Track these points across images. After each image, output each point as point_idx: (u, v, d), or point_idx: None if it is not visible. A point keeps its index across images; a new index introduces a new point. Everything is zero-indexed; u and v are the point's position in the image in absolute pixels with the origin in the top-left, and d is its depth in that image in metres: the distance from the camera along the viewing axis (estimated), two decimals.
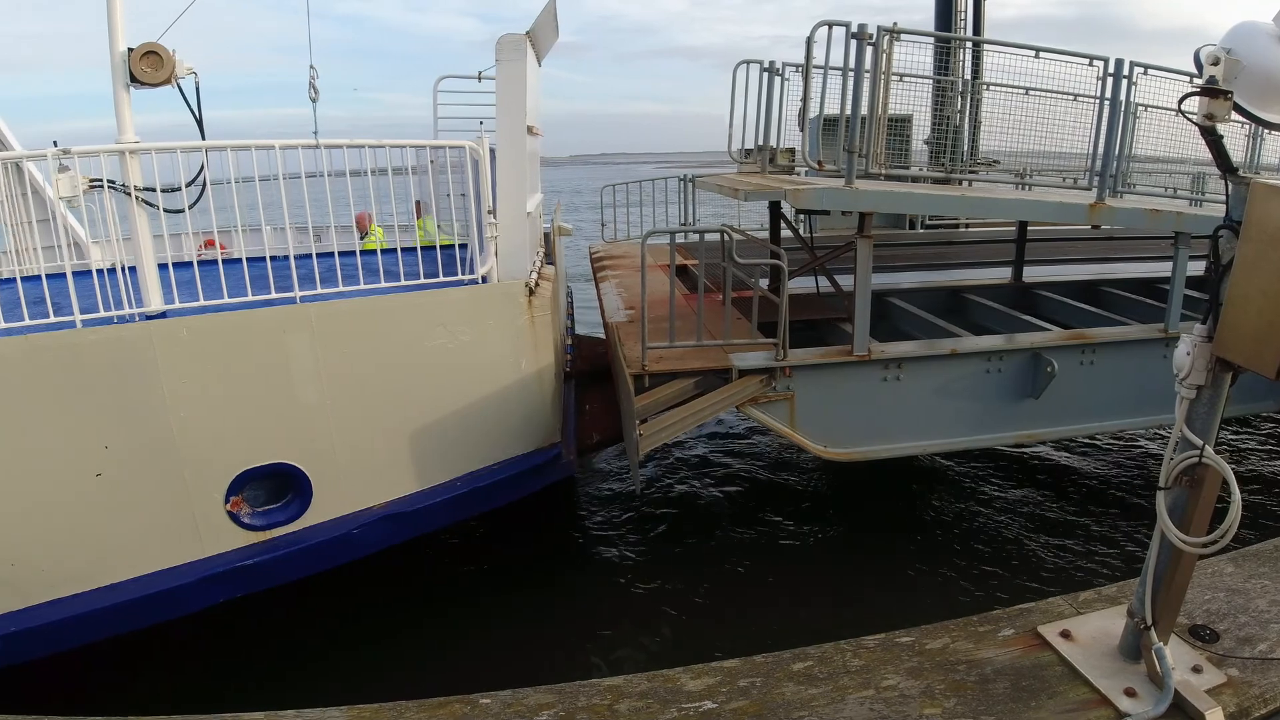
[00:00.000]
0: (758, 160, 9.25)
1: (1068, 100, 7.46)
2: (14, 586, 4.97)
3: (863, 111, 6.53)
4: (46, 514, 5.02)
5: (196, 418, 5.27)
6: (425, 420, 6.15)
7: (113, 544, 5.21)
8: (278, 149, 5.45)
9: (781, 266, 6.40)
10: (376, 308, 5.86)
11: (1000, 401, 7.17)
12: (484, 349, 6.29)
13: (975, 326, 8.39)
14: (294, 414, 5.62)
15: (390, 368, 5.93)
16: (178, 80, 5.36)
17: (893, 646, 3.40)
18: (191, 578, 5.35)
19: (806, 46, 7.25)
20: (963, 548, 8.01)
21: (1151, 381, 7.33)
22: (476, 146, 6.10)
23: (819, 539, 8.31)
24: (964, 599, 7.10)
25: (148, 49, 5.21)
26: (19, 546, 4.97)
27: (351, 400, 5.79)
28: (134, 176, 5.31)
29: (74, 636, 5.12)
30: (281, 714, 3.27)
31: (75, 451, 5.00)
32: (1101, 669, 3.38)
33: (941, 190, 7.80)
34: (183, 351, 5.18)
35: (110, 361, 5.02)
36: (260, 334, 5.43)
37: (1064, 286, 9.86)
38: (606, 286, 9.97)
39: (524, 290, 6.38)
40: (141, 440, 5.16)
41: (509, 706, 3.22)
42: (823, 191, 6.64)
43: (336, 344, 5.66)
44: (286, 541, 5.68)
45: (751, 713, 3.06)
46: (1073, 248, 12.48)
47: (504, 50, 6.28)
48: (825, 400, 6.69)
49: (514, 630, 6.68)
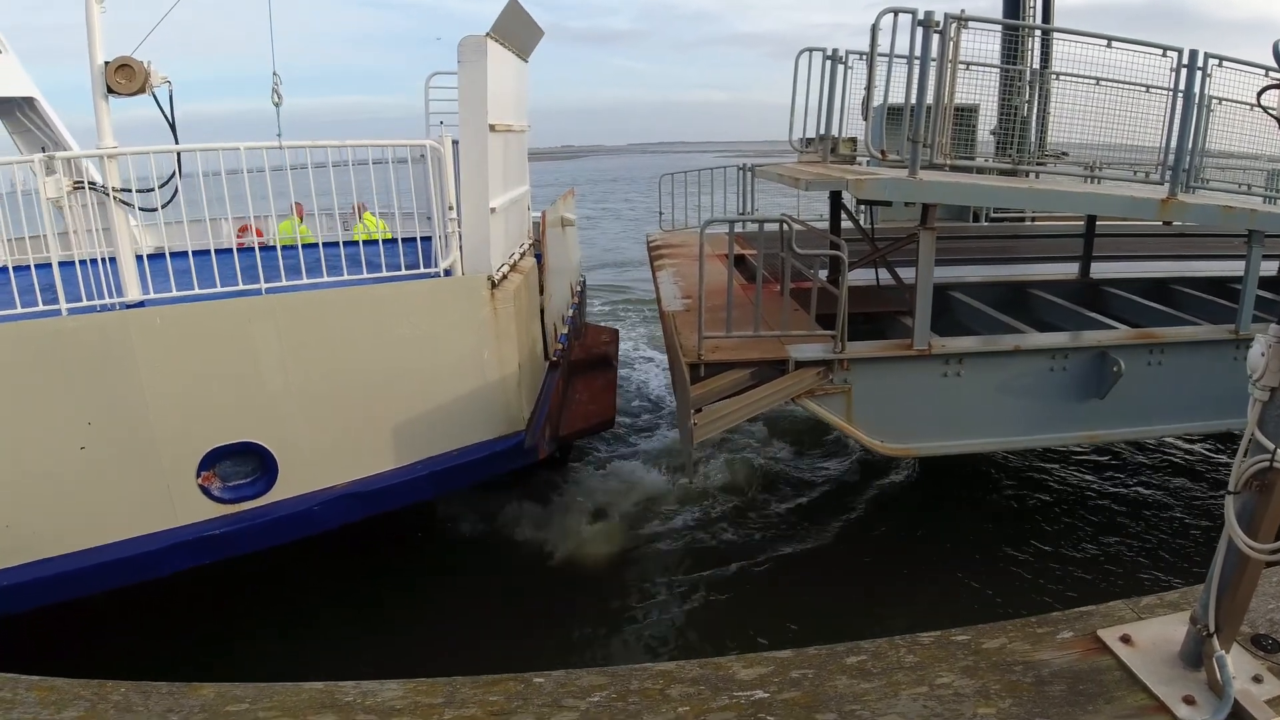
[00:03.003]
0: (819, 149, 9.16)
1: (1140, 92, 7.25)
2: (7, 546, 5.50)
3: (928, 101, 6.43)
4: (36, 482, 5.55)
5: (170, 398, 5.74)
6: (387, 406, 6.50)
7: (95, 511, 5.72)
8: (242, 150, 5.92)
9: (841, 257, 6.34)
10: (338, 299, 6.26)
11: (1064, 401, 7.02)
12: (446, 340, 6.62)
13: (1039, 323, 8.21)
14: (261, 397, 6.04)
15: (352, 356, 6.30)
16: (152, 90, 5.95)
17: (948, 644, 3.37)
18: (165, 544, 5.83)
19: (871, 34, 7.15)
20: (1022, 545, 7.90)
21: (1221, 384, 7.10)
22: (438, 145, 6.39)
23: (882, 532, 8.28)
24: (1020, 599, 7.01)
25: (121, 62, 5.79)
26: (12, 510, 5.51)
27: (315, 386, 6.19)
28: (112, 178, 5.89)
29: (59, 592, 5.62)
30: (341, 685, 3.36)
31: (61, 426, 5.52)
32: (1160, 675, 3.31)
33: (1007, 182, 7.64)
34: (157, 337, 5.68)
35: (92, 346, 5.56)
36: (227, 323, 5.90)
37: (1133, 284, 9.59)
38: (663, 275, 9.97)
39: (486, 284, 6.65)
40: (120, 417, 5.65)
41: (562, 686, 3.27)
42: (886, 182, 6.55)
43: (300, 333, 6.09)
44: (253, 515, 6.11)
45: (803, 704, 3.06)
46: (1142, 244, 12.13)
47: (465, 52, 6.53)
48: (883, 394, 6.62)
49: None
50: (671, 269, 10.29)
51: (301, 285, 6.12)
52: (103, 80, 5.83)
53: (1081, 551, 7.91)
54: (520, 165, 8.77)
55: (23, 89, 10.27)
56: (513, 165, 8.12)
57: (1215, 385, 7.16)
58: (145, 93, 5.95)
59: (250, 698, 3.31)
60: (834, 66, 8.56)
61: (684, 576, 7.77)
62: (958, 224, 15.02)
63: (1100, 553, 7.87)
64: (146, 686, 3.41)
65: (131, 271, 5.89)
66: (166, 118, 6.11)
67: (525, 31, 7.98)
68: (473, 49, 6.52)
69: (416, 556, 8.14)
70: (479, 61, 6.54)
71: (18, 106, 10.36)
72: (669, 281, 9.56)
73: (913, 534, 8.31)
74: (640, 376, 14.42)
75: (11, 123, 10.44)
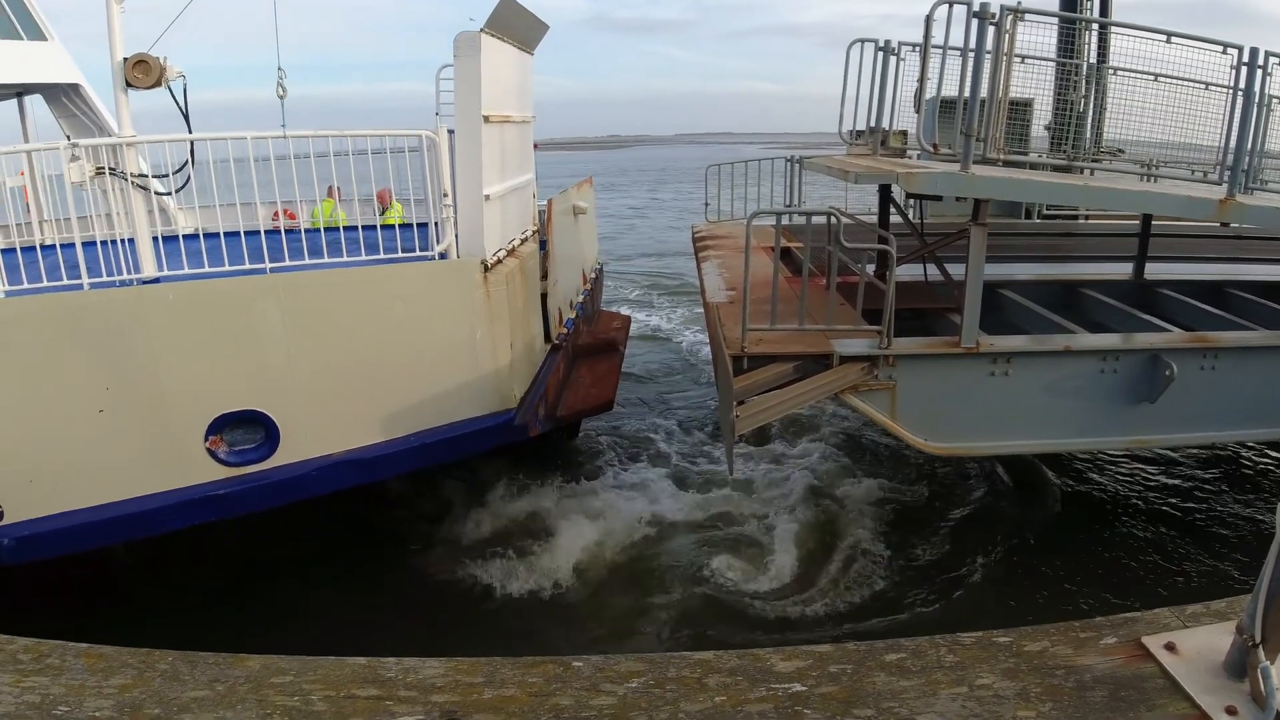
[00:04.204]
0: (869, 142, 9.08)
1: (1198, 89, 7.09)
2: (33, 498, 6.02)
3: (982, 94, 6.33)
4: (59, 442, 6.06)
5: (181, 367, 6.21)
6: (382, 382, 6.86)
7: (112, 469, 6.19)
8: (249, 140, 6.38)
9: (890, 252, 6.29)
10: (337, 280, 6.67)
11: (1114, 404, 6.90)
12: (440, 320, 6.99)
13: (1091, 324, 8.07)
14: (265, 369, 6.47)
15: (350, 333, 6.68)
16: (168, 83, 6.43)
17: (989, 645, 3.35)
18: (175, 501, 6.29)
19: (925, 25, 7.07)
20: (1066, 546, 7.80)
21: (1275, 391, 6.94)
22: (433, 135, 6.75)
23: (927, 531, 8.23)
24: (1065, 602, 6.94)
25: (139, 59, 6.29)
26: (37, 466, 6.03)
27: (315, 360, 6.59)
28: (130, 165, 6.39)
29: (77, 543, 6.16)
30: (384, 661, 3.42)
31: (82, 391, 6.00)
32: (1204, 685, 3.26)
33: (1062, 179, 7.51)
34: (169, 311, 6.15)
35: (111, 318, 6.06)
36: (234, 299, 6.35)
37: (1188, 286, 9.36)
38: (708, 266, 9.96)
39: (479, 267, 6.97)
40: (135, 384, 6.13)
41: (600, 671, 3.30)
42: (938, 176, 6.48)
43: (301, 310, 6.49)
44: (256, 478, 6.54)
45: (840, 699, 3.06)
46: (1198, 245, 11.84)
47: (460, 47, 6.84)
48: (928, 392, 6.57)
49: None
50: (716, 260, 10.27)
51: (304, 265, 6.56)
52: (122, 75, 6.32)
53: (1127, 556, 7.79)
54: (523, 154, 9.03)
55: (68, 76, 10.70)
56: (514, 154, 8.38)
57: (1269, 392, 7.00)
58: (161, 86, 6.43)
59: (294, 670, 3.38)
60: (886, 58, 8.48)
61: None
62: (1009, 220, 14.75)
63: (1146, 558, 7.75)
64: (193, 656, 3.49)
65: (148, 250, 6.43)
66: (180, 109, 6.59)
67: (524, 25, 8.19)
68: (467, 44, 6.82)
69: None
70: (473, 56, 6.82)
71: (63, 93, 10.80)
72: (713, 273, 9.55)
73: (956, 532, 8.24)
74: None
75: (58, 108, 10.89)
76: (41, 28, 10.47)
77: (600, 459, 10.48)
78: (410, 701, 3.16)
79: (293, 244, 6.57)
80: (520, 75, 8.45)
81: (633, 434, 11.29)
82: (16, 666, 3.45)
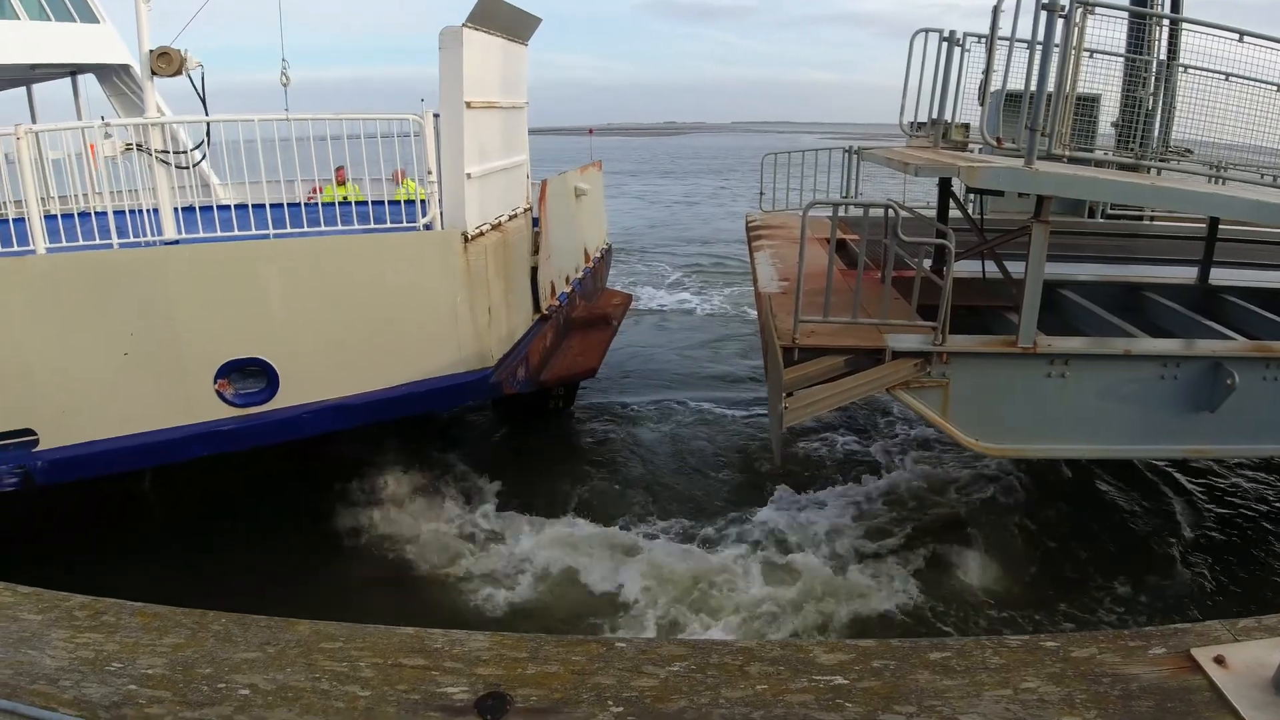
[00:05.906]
0: (930, 134, 8.94)
1: (1271, 91, 6.88)
2: (65, 428, 6.86)
3: (1048, 88, 6.21)
4: (88, 379, 6.87)
5: (194, 318, 7.00)
6: (371, 338, 7.57)
7: (133, 404, 6.99)
8: (256, 122, 7.30)
9: (948, 247, 6.21)
10: (330, 246, 7.40)
11: (1172, 411, 6.73)
12: (423, 285, 7.65)
13: (1152, 328, 7.90)
14: (267, 322, 7.22)
15: (344, 294, 7.37)
16: (188, 72, 7.43)
17: (1036, 649, 3.32)
18: (186, 434, 7.12)
19: (993, 16, 6.95)
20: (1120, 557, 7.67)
21: None
22: (419, 119, 7.44)
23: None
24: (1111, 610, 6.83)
25: (161, 50, 7.26)
26: (69, 399, 6.88)
27: (310, 317, 7.32)
28: (155, 142, 7.39)
29: (102, 467, 7.02)
30: (430, 631, 3.50)
31: (110, 335, 6.80)
32: (1251, 700, 3.20)
33: (1128, 177, 7.33)
34: (186, 268, 6.98)
35: (136, 273, 6.88)
36: (240, 260, 7.13)
37: (1253, 293, 9.09)
38: (761, 256, 9.92)
39: (460, 238, 7.65)
40: (155, 331, 6.90)
41: (643, 653, 3.34)
42: (1000, 170, 6.38)
43: (299, 272, 7.26)
44: (257, 418, 7.30)
45: (882, 694, 3.06)
46: (1267, 252, 11.49)
47: (443, 40, 7.47)
48: (982, 391, 6.48)
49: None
50: (770, 250, 10.22)
51: (305, 233, 7.36)
52: (148, 64, 7.29)
53: (1178, 565, 7.64)
54: (516, 137, 9.68)
55: (119, 56, 11.23)
56: (501, 137, 9.02)
57: None
58: (182, 74, 7.39)
59: (344, 636, 3.48)
60: (950, 49, 8.33)
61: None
62: (1072, 219, 14.43)
63: (1199, 569, 7.59)
64: (246, 619, 3.61)
65: (169, 216, 7.46)
66: (198, 94, 7.65)
67: (511, 18, 8.85)
68: (450, 38, 7.46)
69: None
70: (455, 48, 7.46)
71: (115, 73, 11.36)
72: (766, 263, 9.51)
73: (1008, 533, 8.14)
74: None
75: (110, 87, 11.47)
76: (94, 11, 11.01)
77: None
78: (455, 673, 3.23)
79: (310, 214, 7.47)
80: (509, 64, 9.08)
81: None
82: (72, 623, 3.59)
